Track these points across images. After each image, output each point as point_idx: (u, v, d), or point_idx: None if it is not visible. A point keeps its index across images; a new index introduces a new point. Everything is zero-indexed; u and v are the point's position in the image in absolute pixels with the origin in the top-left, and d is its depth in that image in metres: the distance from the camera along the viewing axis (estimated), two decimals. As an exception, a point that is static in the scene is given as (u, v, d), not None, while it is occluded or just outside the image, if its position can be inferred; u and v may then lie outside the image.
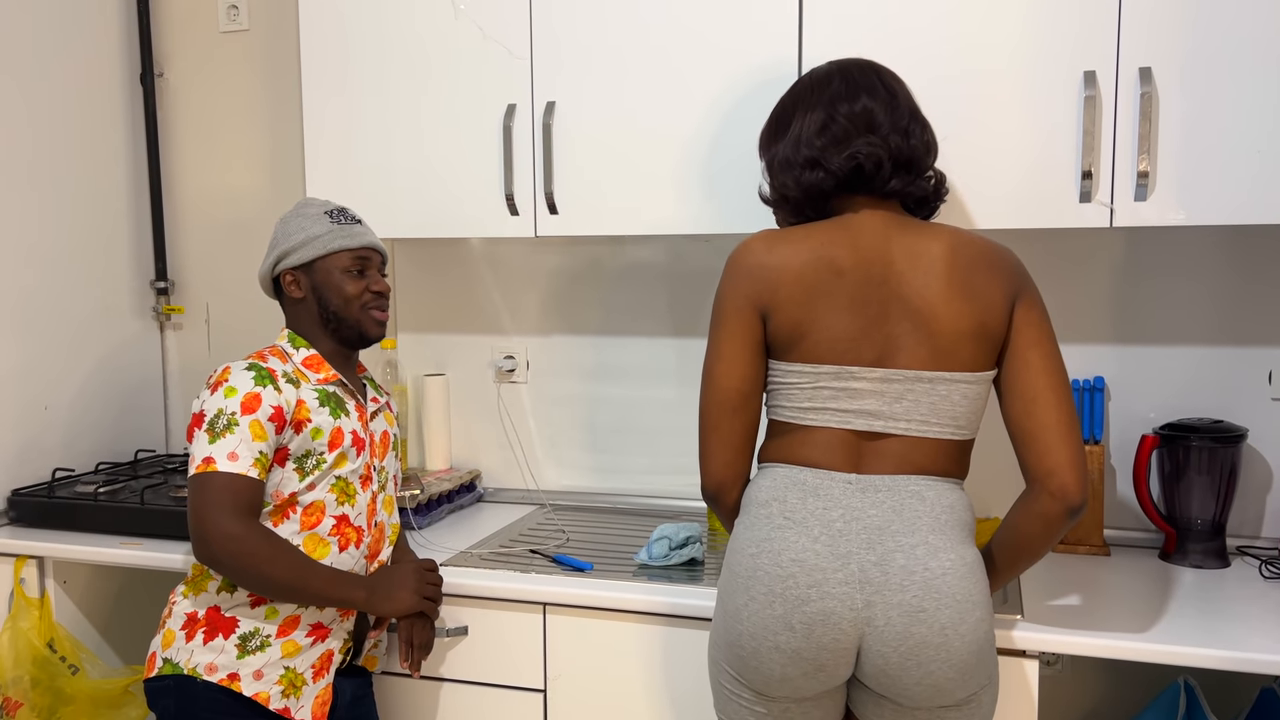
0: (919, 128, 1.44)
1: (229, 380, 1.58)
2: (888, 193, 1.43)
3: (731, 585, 1.38)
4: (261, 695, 1.56)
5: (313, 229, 1.67)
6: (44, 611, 2.06)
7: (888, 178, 1.42)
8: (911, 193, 1.44)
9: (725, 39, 1.81)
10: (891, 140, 1.41)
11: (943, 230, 1.41)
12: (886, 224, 1.41)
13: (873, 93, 1.44)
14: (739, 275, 1.42)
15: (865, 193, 1.44)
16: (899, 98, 1.45)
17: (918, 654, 1.29)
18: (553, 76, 1.92)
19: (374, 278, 1.71)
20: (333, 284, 1.67)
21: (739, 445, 1.45)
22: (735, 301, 1.42)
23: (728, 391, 1.44)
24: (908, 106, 1.45)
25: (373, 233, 1.77)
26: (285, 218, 1.71)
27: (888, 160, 1.41)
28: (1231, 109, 1.59)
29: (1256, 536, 1.94)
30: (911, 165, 1.43)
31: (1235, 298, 1.91)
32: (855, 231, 1.40)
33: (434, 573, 1.71)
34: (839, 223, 1.42)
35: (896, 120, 1.42)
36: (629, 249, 2.25)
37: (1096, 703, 2.02)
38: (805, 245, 1.40)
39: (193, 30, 2.51)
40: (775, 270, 1.40)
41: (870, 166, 1.40)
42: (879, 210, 1.43)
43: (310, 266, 1.67)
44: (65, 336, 2.31)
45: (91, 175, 2.38)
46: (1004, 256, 1.41)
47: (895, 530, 1.33)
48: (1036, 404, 1.37)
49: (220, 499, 1.51)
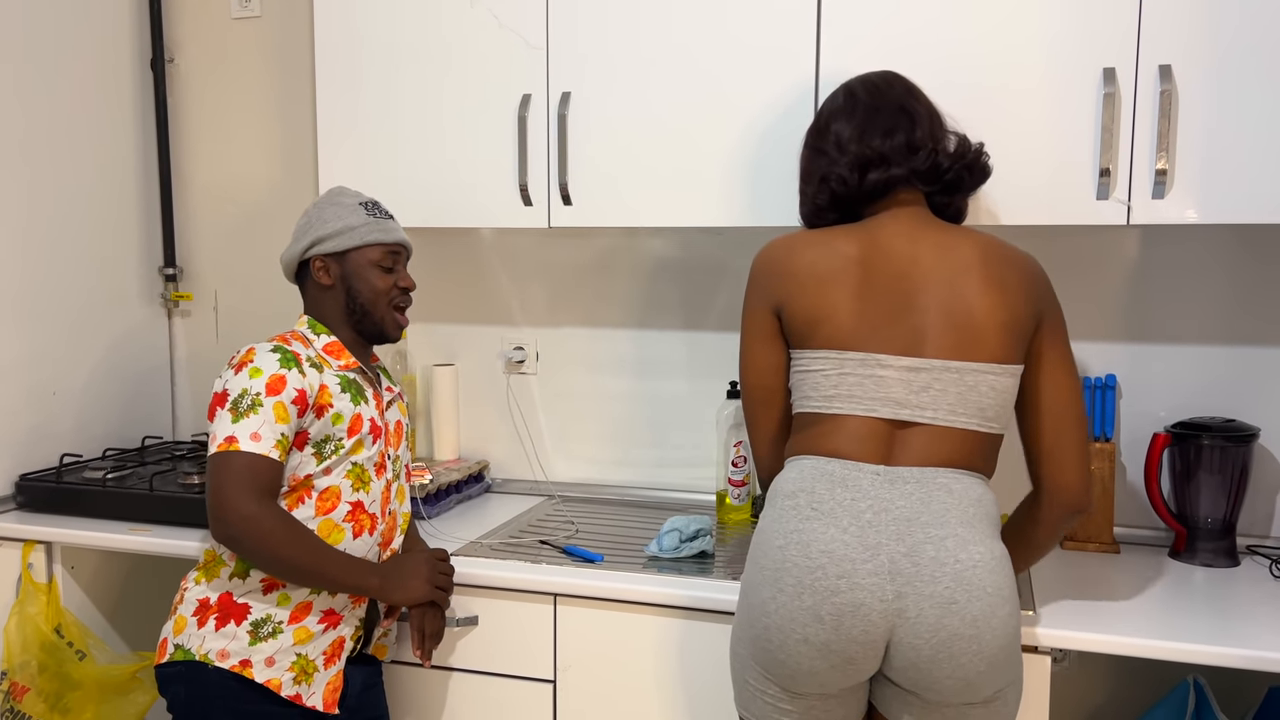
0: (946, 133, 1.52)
1: (254, 361, 1.58)
2: (947, 185, 1.49)
3: (757, 578, 1.38)
4: (273, 682, 1.55)
5: (350, 219, 1.68)
6: (51, 597, 2.06)
7: (944, 171, 1.48)
8: (957, 187, 1.50)
9: (743, 32, 1.81)
10: (938, 139, 1.49)
11: (972, 232, 1.46)
12: (913, 224, 1.46)
13: (912, 97, 1.51)
14: (756, 276, 1.50)
15: (911, 190, 1.49)
16: (928, 105, 1.52)
17: (950, 646, 1.29)
18: (568, 67, 1.91)
19: (402, 273, 1.72)
20: (363, 276, 1.67)
21: (776, 437, 1.54)
22: (754, 303, 1.51)
23: (756, 388, 1.52)
24: (937, 113, 1.53)
25: (402, 229, 1.78)
26: (319, 204, 1.71)
27: (943, 158, 1.48)
28: (1251, 107, 1.59)
29: (1267, 536, 1.94)
30: (961, 160, 1.50)
31: (1249, 297, 1.91)
32: (876, 229, 1.46)
33: (446, 562, 1.71)
34: (860, 224, 1.48)
35: (935, 127, 1.50)
36: (640, 241, 2.25)
37: (1105, 700, 2.03)
38: (819, 239, 1.46)
39: (205, 16, 2.50)
40: (787, 264, 1.46)
41: (927, 165, 1.46)
42: (906, 211, 1.47)
43: (343, 256, 1.67)
44: (74, 322, 2.30)
45: (101, 161, 2.37)
46: (1033, 268, 1.46)
47: (924, 522, 1.33)
48: (1062, 420, 1.45)
49: (241, 478, 1.51)
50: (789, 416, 1.51)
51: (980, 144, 1.53)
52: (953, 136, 1.51)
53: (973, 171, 1.51)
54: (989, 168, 1.53)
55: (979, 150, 1.51)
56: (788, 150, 1.80)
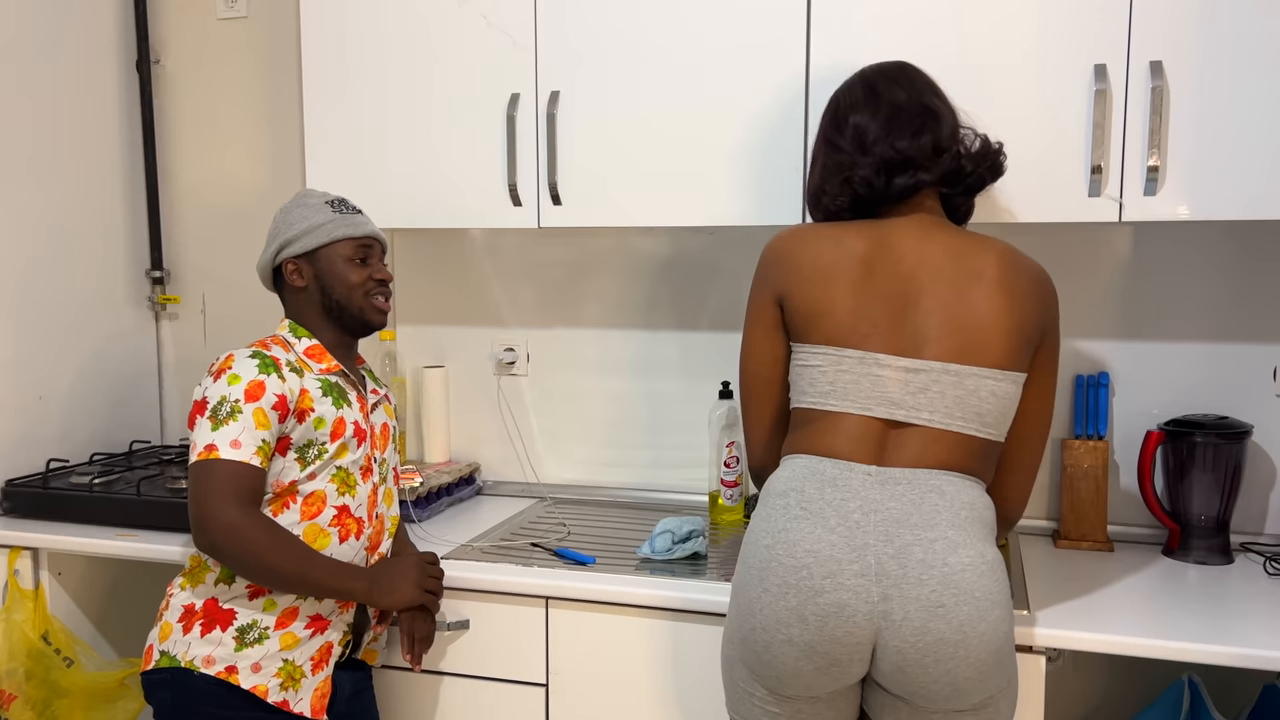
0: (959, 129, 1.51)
1: (232, 367, 1.56)
2: (968, 187, 1.47)
3: (746, 578, 1.36)
4: (259, 688, 1.54)
5: (315, 218, 1.66)
6: (38, 603, 2.04)
7: (967, 175, 1.46)
8: (970, 184, 1.49)
9: (733, 29, 1.80)
10: (960, 136, 1.48)
11: (987, 238, 1.44)
12: (925, 226, 1.44)
13: (934, 94, 1.50)
14: (762, 267, 1.50)
15: (930, 190, 1.47)
16: (948, 102, 1.51)
17: (936, 650, 1.27)
18: (557, 66, 1.90)
19: (376, 266, 1.70)
20: (336, 272, 1.66)
21: (770, 428, 1.52)
22: (758, 292, 1.50)
23: (753, 376, 1.51)
24: (954, 110, 1.51)
25: (373, 222, 1.77)
26: (286, 208, 1.70)
27: (967, 161, 1.46)
28: (1242, 103, 1.58)
29: (1260, 533, 1.93)
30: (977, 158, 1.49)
31: (1241, 294, 1.91)
32: (887, 229, 1.44)
33: (435, 566, 1.70)
34: (874, 222, 1.46)
35: (957, 126, 1.48)
36: (631, 240, 2.23)
37: (1100, 699, 2.02)
38: (829, 233, 1.45)
39: (190, 17, 2.49)
40: (792, 256, 1.44)
41: (951, 166, 1.45)
42: (922, 215, 1.45)
43: (313, 255, 1.66)
44: (60, 326, 2.28)
45: (87, 163, 2.35)
46: (1045, 283, 1.43)
47: (914, 523, 1.31)
48: (1026, 446, 1.47)
49: (222, 487, 1.49)
50: (785, 410, 1.50)
51: (999, 143, 1.50)
52: (972, 135, 1.49)
53: (993, 172, 1.49)
54: (1004, 167, 1.51)
55: (999, 150, 1.49)
56: (780, 148, 1.79)
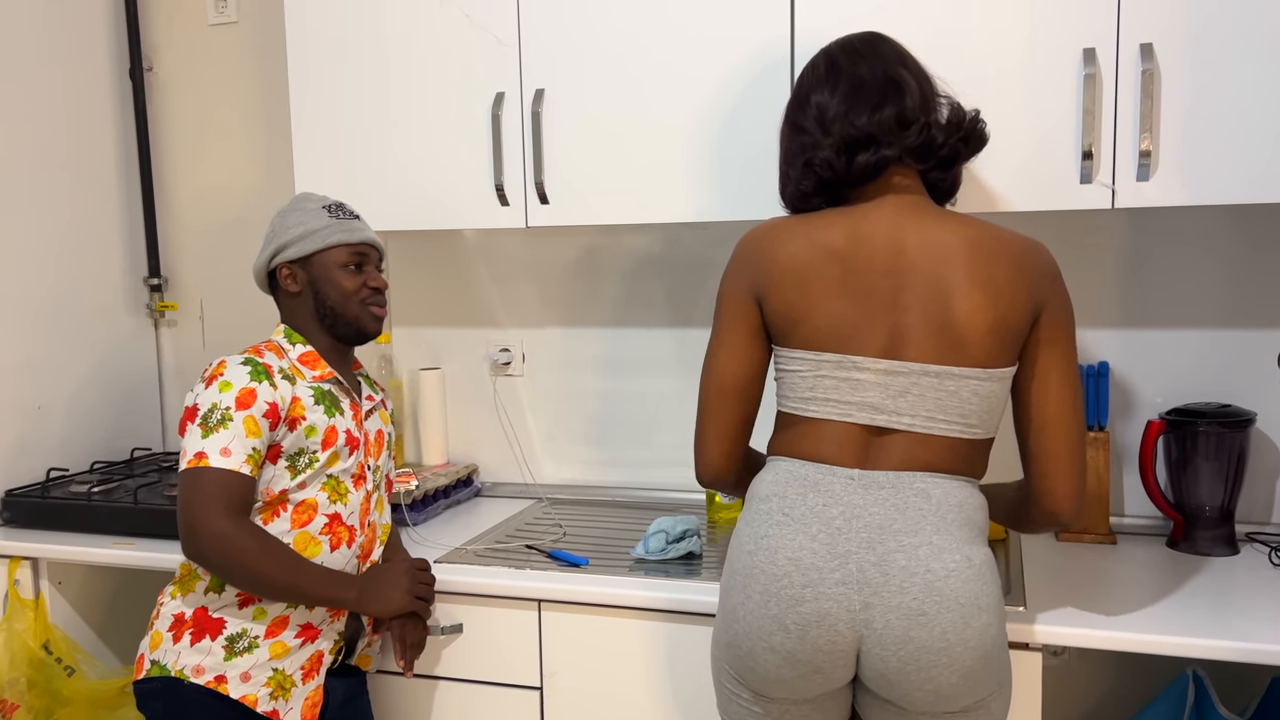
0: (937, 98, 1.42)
1: (224, 375, 1.56)
2: (942, 160, 1.38)
3: (730, 583, 1.34)
4: (249, 698, 1.53)
5: (310, 223, 1.65)
6: (39, 613, 2.05)
7: (939, 147, 1.36)
8: (948, 159, 1.39)
9: (716, 21, 1.77)
10: (930, 109, 1.39)
11: (966, 220, 1.35)
12: (900, 211, 1.35)
13: (900, 63, 1.40)
14: (736, 262, 1.42)
15: (903, 168, 1.38)
16: (918, 70, 1.42)
17: (918, 659, 1.24)
18: (541, 63, 1.88)
19: (371, 273, 1.69)
20: (330, 279, 1.65)
21: (734, 434, 1.44)
22: (733, 289, 1.42)
23: (725, 377, 1.42)
24: (928, 78, 1.42)
25: (370, 229, 1.75)
26: (282, 212, 1.69)
27: (937, 132, 1.37)
28: (1235, 86, 1.54)
29: (1266, 523, 1.89)
30: (952, 129, 1.39)
31: (1242, 279, 1.87)
32: (860, 219, 1.36)
33: (426, 572, 1.69)
34: (846, 210, 1.38)
35: (927, 96, 1.39)
36: (624, 238, 2.22)
37: (1104, 694, 1.99)
38: (802, 229, 1.37)
39: (181, 24, 2.49)
40: (770, 255, 1.38)
41: (919, 141, 1.35)
42: (895, 197, 1.37)
43: (307, 261, 1.65)
44: (58, 335, 2.29)
45: (82, 172, 2.35)
46: (1032, 256, 1.33)
47: (897, 529, 1.27)
48: (1047, 431, 1.35)
49: (212, 495, 1.49)
50: (751, 418, 1.44)
51: (975, 111, 1.40)
52: (945, 104, 1.40)
53: (969, 142, 1.39)
54: (985, 135, 1.40)
55: (974, 118, 1.39)
56: (769, 142, 1.77)
